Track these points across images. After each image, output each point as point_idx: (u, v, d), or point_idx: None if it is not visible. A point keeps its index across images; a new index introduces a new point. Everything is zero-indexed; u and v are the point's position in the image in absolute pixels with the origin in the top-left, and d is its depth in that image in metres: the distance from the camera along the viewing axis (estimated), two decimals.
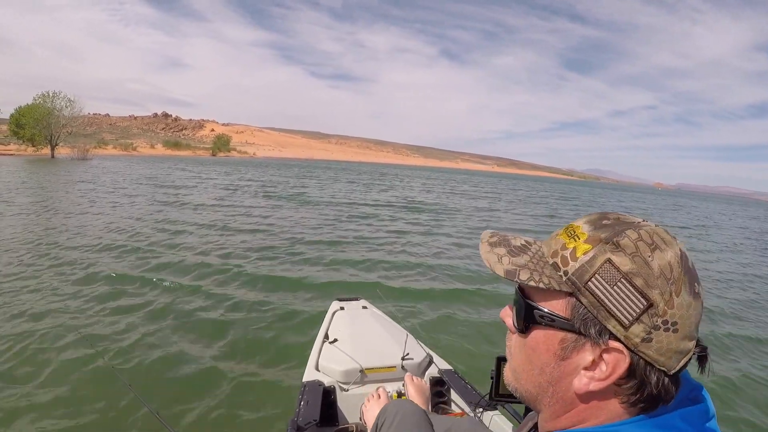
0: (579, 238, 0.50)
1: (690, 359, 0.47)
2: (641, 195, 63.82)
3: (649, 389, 0.47)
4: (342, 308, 2.71)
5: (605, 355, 0.47)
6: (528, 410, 0.97)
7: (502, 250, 0.55)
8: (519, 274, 0.51)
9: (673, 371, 0.46)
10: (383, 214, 13.34)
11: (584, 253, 0.48)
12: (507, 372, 0.59)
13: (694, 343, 0.47)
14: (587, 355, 0.48)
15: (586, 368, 0.49)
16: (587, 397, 0.50)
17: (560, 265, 0.50)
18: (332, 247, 7.85)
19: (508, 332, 0.58)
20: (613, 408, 0.49)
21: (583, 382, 0.49)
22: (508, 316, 0.57)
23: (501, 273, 0.53)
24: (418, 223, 12.06)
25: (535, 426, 0.60)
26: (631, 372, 0.46)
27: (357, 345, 2.20)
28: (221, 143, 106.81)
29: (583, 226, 0.51)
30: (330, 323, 2.49)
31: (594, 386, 0.48)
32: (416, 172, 75.19)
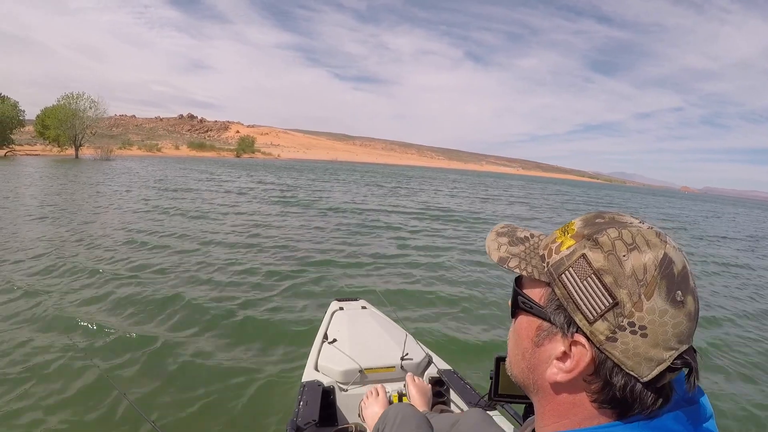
0: (568, 234, 0.52)
1: (666, 370, 0.46)
2: (678, 200, 60.97)
3: (613, 391, 0.47)
4: (341, 308, 2.70)
5: (573, 348, 0.49)
6: (527, 412, 0.99)
7: (504, 240, 0.58)
8: (509, 261, 0.55)
9: (646, 379, 0.46)
10: (392, 218, 12.97)
11: (567, 248, 0.51)
12: (507, 360, 0.62)
13: (671, 354, 0.45)
14: (559, 346, 0.50)
15: (557, 359, 0.50)
16: (558, 388, 0.52)
17: (546, 257, 0.53)
18: (334, 248, 7.75)
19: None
20: (587, 406, 0.50)
21: (552, 371, 0.51)
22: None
23: (495, 259, 0.56)
24: (431, 228, 11.83)
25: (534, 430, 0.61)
26: (596, 370, 0.47)
27: (356, 345, 2.19)
28: (245, 145, 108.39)
29: (576, 223, 0.53)
30: (329, 323, 2.47)
31: (561, 377, 0.50)
32: (442, 174, 74.45)
